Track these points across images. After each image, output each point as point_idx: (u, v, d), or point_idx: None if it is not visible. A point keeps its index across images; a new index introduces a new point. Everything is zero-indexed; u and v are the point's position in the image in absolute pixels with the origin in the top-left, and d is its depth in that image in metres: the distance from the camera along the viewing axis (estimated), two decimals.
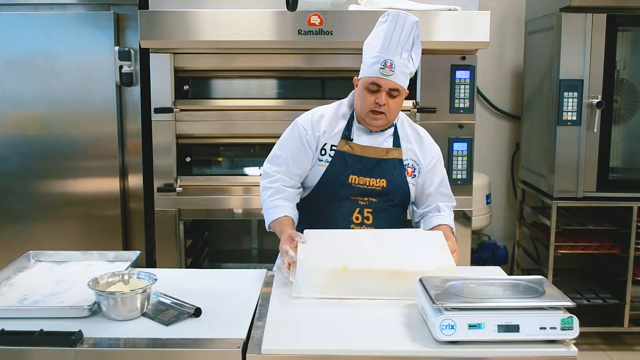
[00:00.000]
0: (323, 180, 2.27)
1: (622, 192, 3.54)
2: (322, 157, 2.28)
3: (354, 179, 2.25)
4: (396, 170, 2.27)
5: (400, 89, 2.19)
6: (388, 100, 2.18)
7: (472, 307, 1.56)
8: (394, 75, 2.15)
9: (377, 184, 2.26)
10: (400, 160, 2.28)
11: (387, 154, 2.27)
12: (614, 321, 3.67)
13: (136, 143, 3.33)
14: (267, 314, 1.76)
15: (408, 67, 2.18)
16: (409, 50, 2.18)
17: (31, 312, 1.77)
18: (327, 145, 2.28)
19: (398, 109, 2.24)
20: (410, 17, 2.19)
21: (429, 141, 2.37)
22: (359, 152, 2.26)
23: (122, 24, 3.25)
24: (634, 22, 3.49)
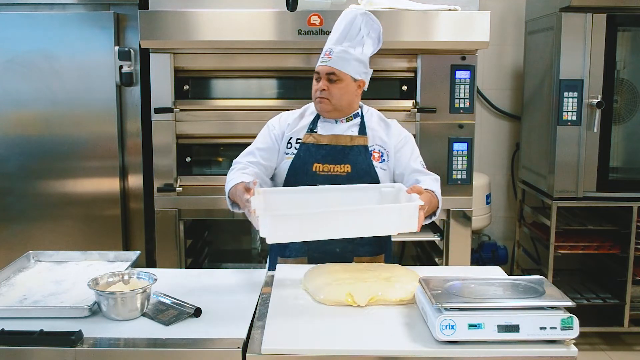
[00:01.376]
0: (289, 172, 2.33)
1: (622, 192, 3.54)
2: (288, 150, 2.36)
3: (318, 167, 2.30)
4: (361, 156, 2.31)
5: (338, 73, 2.27)
6: (328, 86, 2.28)
7: (472, 307, 1.56)
8: (331, 60, 2.27)
9: (341, 169, 2.30)
10: (365, 146, 2.33)
11: (351, 141, 2.32)
12: (614, 321, 3.68)
13: (136, 143, 3.33)
14: (267, 314, 1.76)
15: (350, 53, 2.28)
16: (353, 38, 2.29)
17: (31, 312, 1.77)
18: (293, 139, 2.36)
19: (342, 94, 2.29)
20: (356, 10, 2.32)
21: (397, 127, 2.41)
22: (323, 141, 2.33)
23: (122, 24, 3.25)
24: (634, 22, 3.49)
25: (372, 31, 2.33)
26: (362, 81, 2.34)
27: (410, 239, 3.50)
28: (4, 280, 2.02)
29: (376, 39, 2.35)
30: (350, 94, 2.32)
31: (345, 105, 2.33)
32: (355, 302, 1.81)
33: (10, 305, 1.82)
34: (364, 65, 2.33)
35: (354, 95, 2.33)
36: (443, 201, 3.13)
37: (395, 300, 1.82)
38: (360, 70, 2.32)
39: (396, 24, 3.04)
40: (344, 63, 2.27)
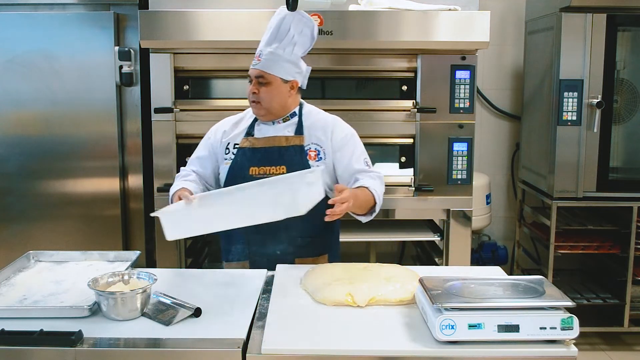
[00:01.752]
0: (228, 176, 2.36)
1: (622, 192, 3.54)
2: (227, 155, 2.39)
3: (254, 170, 2.32)
4: (296, 156, 2.31)
5: (267, 76, 2.27)
6: (259, 89, 2.28)
7: (472, 307, 1.56)
8: (260, 63, 2.28)
9: (276, 171, 2.30)
10: (301, 146, 2.32)
11: (287, 142, 2.33)
12: (614, 321, 3.68)
13: (136, 143, 3.33)
14: (267, 314, 1.76)
15: (279, 54, 2.27)
16: (282, 39, 2.28)
17: (31, 312, 1.77)
18: (231, 144, 2.39)
19: (272, 97, 2.29)
20: (283, 9, 2.30)
21: (338, 126, 2.39)
22: (259, 144, 2.34)
23: (122, 24, 3.25)
24: (634, 22, 3.49)
25: (305, 28, 2.32)
26: (294, 82, 2.33)
27: (410, 239, 3.50)
28: (4, 280, 2.02)
29: (309, 36, 2.33)
30: (282, 96, 2.31)
31: (278, 107, 2.33)
32: (355, 302, 1.81)
33: (10, 305, 1.82)
34: (295, 65, 2.32)
35: (286, 96, 2.33)
36: (443, 201, 3.20)
37: (395, 301, 1.82)
38: (292, 70, 2.31)
39: (396, 24, 3.04)
40: (272, 65, 2.27)
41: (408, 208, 3.23)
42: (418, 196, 3.20)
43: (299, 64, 2.34)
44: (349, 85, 3.34)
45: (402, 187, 3.21)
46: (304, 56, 2.37)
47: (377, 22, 3.04)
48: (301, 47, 2.32)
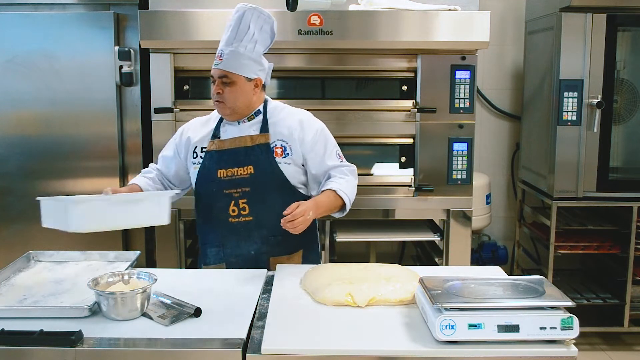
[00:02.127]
0: (197, 180, 2.38)
1: (622, 192, 3.54)
2: (195, 159, 2.39)
3: (222, 172, 2.32)
4: (263, 155, 2.31)
5: (230, 75, 2.25)
6: (223, 89, 2.27)
7: (472, 307, 1.56)
8: (222, 63, 2.26)
9: (244, 172, 2.30)
10: (267, 144, 2.31)
11: (252, 141, 2.32)
12: (614, 321, 3.68)
13: (136, 143, 3.33)
14: (267, 314, 1.76)
15: (241, 53, 2.25)
16: (243, 36, 2.26)
17: (31, 312, 1.77)
18: (198, 147, 2.39)
19: (237, 96, 2.28)
20: (245, 6, 2.29)
21: (307, 123, 2.37)
22: (225, 145, 2.34)
23: (122, 24, 3.25)
24: (634, 22, 3.49)
25: (265, 24, 2.31)
26: (258, 79, 2.32)
27: (410, 239, 3.50)
28: (3, 280, 2.02)
29: (269, 32, 2.33)
30: (247, 95, 2.30)
31: (243, 107, 2.32)
32: (355, 302, 1.81)
33: (10, 305, 1.82)
34: (258, 63, 2.31)
35: (250, 94, 2.32)
36: (443, 201, 3.19)
37: (395, 301, 1.82)
38: (255, 68, 2.30)
39: (396, 24, 3.04)
40: (235, 64, 2.25)
41: (408, 208, 3.23)
42: (418, 196, 3.20)
43: (262, 62, 2.33)
44: (349, 85, 3.34)
45: (402, 187, 3.22)
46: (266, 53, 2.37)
47: (377, 22, 3.04)
48: (262, 44, 2.31)
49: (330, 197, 2.27)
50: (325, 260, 3.26)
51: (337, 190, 2.27)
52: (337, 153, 2.39)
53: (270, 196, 2.29)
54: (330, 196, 2.27)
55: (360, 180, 3.21)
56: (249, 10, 2.28)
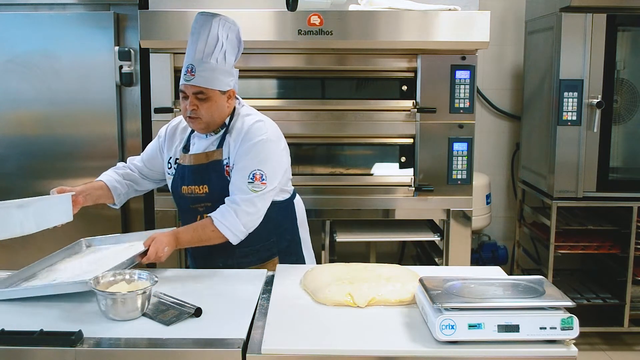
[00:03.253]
0: (171, 191, 2.40)
1: (622, 192, 3.54)
2: (169, 170, 2.39)
3: (184, 189, 2.31)
4: (215, 173, 2.25)
5: (206, 91, 2.17)
6: (198, 104, 2.19)
7: (472, 307, 1.56)
8: (195, 78, 2.17)
9: (200, 190, 2.27)
10: (219, 161, 2.25)
11: (207, 158, 2.27)
12: (614, 321, 3.67)
13: (136, 143, 3.33)
14: (267, 314, 1.76)
15: (214, 67, 2.17)
16: (213, 48, 2.17)
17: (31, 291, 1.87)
18: (172, 159, 2.38)
19: (213, 111, 2.21)
20: (211, 17, 2.20)
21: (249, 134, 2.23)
22: (187, 162, 2.30)
23: (122, 24, 3.25)
24: (634, 22, 3.49)
25: (230, 33, 2.22)
26: (231, 90, 2.25)
27: (410, 239, 3.50)
28: (47, 266, 2.11)
29: (235, 42, 2.24)
30: (222, 108, 2.23)
31: (219, 120, 2.25)
32: (355, 302, 1.81)
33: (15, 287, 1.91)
34: (229, 74, 2.24)
35: (225, 107, 2.25)
36: (443, 201, 3.19)
37: (395, 301, 1.82)
38: (227, 80, 2.22)
39: (396, 24, 3.04)
40: (209, 79, 2.17)
41: (408, 208, 3.23)
42: (418, 196, 3.20)
43: (233, 72, 2.26)
44: (349, 85, 3.34)
45: (402, 187, 3.22)
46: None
47: (377, 22, 3.04)
48: (232, 53, 2.23)
49: (203, 226, 2.17)
50: (325, 260, 3.26)
51: (214, 220, 2.15)
52: (253, 173, 2.19)
53: None
54: (202, 225, 2.17)
55: (360, 180, 3.25)
56: (216, 20, 2.19)
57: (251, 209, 2.17)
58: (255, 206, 2.18)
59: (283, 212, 2.39)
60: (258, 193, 2.18)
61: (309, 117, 3.18)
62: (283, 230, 2.40)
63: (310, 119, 3.18)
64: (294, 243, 2.46)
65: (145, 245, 2.07)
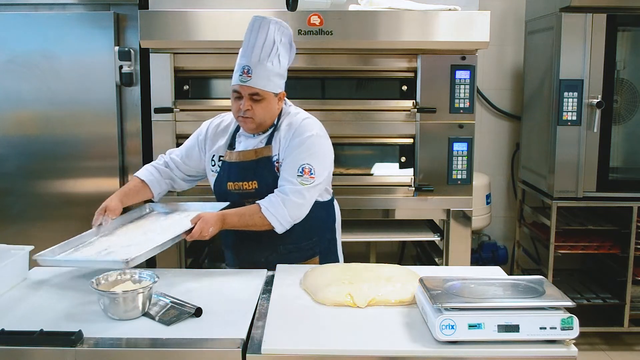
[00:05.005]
0: (214, 189, 2.43)
1: (622, 192, 3.54)
2: (213, 167, 2.42)
3: (230, 185, 2.34)
4: (266, 170, 2.30)
5: (261, 92, 2.23)
6: (252, 105, 2.24)
7: (472, 307, 1.56)
8: (251, 80, 2.22)
9: (249, 186, 2.31)
10: (269, 157, 2.31)
11: (256, 155, 2.32)
12: (614, 321, 3.68)
13: (136, 143, 3.33)
14: (267, 314, 1.76)
15: (269, 69, 2.24)
16: (269, 52, 2.24)
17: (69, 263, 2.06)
18: (216, 156, 2.42)
19: (266, 112, 2.27)
20: (268, 20, 2.26)
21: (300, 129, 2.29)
22: (234, 158, 2.35)
23: (122, 24, 3.25)
24: (634, 22, 3.49)
25: (284, 38, 2.29)
26: (282, 93, 2.33)
27: (410, 239, 3.51)
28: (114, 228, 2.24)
29: (288, 45, 2.31)
30: (274, 109, 2.31)
31: (269, 120, 2.32)
32: (355, 303, 1.81)
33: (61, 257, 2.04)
34: (282, 77, 2.32)
35: (276, 108, 2.32)
36: (443, 201, 3.19)
37: (395, 301, 1.82)
38: (280, 83, 2.30)
39: (396, 24, 3.04)
40: (266, 81, 2.24)
41: (408, 208, 3.23)
42: (418, 196, 3.20)
43: (285, 75, 2.33)
44: (349, 85, 3.34)
45: (402, 187, 3.22)
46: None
47: (377, 22, 3.04)
48: (285, 58, 2.30)
49: (250, 212, 2.21)
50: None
51: (261, 208, 2.20)
52: (302, 167, 2.24)
53: None
54: (249, 211, 2.21)
55: (360, 180, 3.24)
56: (273, 25, 2.25)
57: (299, 199, 2.23)
58: (304, 197, 2.24)
59: (325, 212, 2.44)
60: (306, 186, 2.24)
61: None
62: (324, 230, 2.44)
63: None
64: (333, 244, 2.51)
65: (192, 222, 2.11)
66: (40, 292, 1.96)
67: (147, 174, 2.46)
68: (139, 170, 2.49)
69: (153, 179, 2.46)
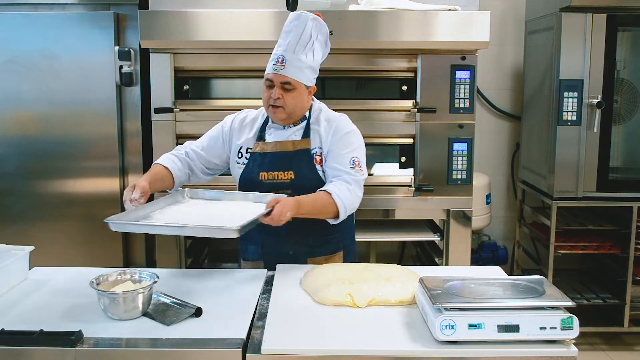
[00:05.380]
0: (241, 181, 2.40)
1: (622, 192, 3.54)
2: (239, 159, 2.40)
3: (263, 175, 2.34)
4: (303, 161, 2.32)
5: (293, 82, 2.27)
6: (283, 94, 2.27)
7: (472, 307, 1.56)
8: (285, 69, 2.26)
9: (285, 177, 2.32)
10: (307, 150, 2.33)
11: (294, 146, 2.34)
12: (614, 321, 3.68)
13: (136, 143, 3.33)
14: (267, 314, 1.76)
15: (303, 61, 2.28)
16: (305, 45, 2.28)
17: (185, 230, 2.07)
18: (243, 148, 2.41)
19: (297, 102, 2.30)
20: (307, 15, 2.31)
21: (340, 123, 2.36)
22: (268, 149, 2.36)
23: (122, 24, 3.25)
24: (634, 22, 3.49)
25: (320, 35, 2.34)
26: (312, 87, 2.36)
27: (410, 239, 3.51)
28: (158, 209, 2.18)
29: (324, 42, 2.36)
30: (304, 101, 2.33)
31: (300, 112, 2.35)
32: (355, 303, 1.81)
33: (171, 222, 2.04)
34: (315, 72, 2.36)
35: (306, 101, 2.35)
36: (443, 201, 3.19)
37: (395, 301, 1.82)
38: (312, 77, 2.34)
39: (396, 24, 3.04)
40: (298, 72, 2.28)
41: (408, 208, 3.23)
42: (418, 196, 3.20)
43: (317, 70, 2.37)
44: (349, 85, 3.34)
45: (402, 187, 3.22)
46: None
47: (377, 22, 3.04)
48: (319, 53, 2.34)
49: (322, 199, 2.20)
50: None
51: (332, 194, 2.21)
52: (353, 159, 2.31)
53: None
54: (321, 198, 2.20)
55: None
56: (312, 20, 2.30)
57: (359, 191, 2.29)
58: (361, 189, 2.31)
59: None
60: (360, 178, 2.30)
61: None
62: (346, 227, 2.45)
63: None
64: (353, 241, 2.52)
65: (269, 205, 2.07)
66: (40, 292, 1.96)
67: (170, 162, 2.39)
68: (160, 158, 2.43)
69: (175, 167, 2.40)
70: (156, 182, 2.28)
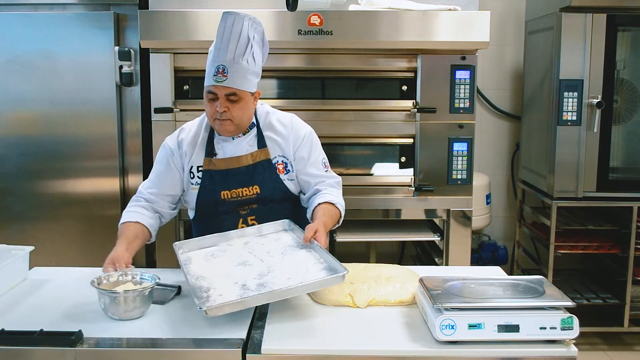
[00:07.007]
0: (198, 202, 2.27)
1: (622, 192, 3.54)
2: (192, 180, 2.27)
3: (225, 194, 2.23)
4: (266, 173, 2.24)
5: (239, 92, 2.13)
6: (229, 107, 2.14)
7: (472, 307, 1.57)
8: (227, 79, 2.10)
9: (250, 192, 2.24)
10: (268, 160, 2.25)
11: (253, 159, 2.24)
12: (614, 321, 3.67)
13: (136, 143, 3.33)
14: (267, 314, 1.76)
15: (245, 68, 2.13)
16: (244, 50, 2.12)
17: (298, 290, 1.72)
18: (194, 167, 2.26)
19: (244, 113, 2.18)
20: (242, 17, 2.14)
21: (295, 127, 2.29)
22: (224, 166, 2.23)
23: (122, 24, 3.25)
24: (634, 22, 3.49)
25: (257, 35, 2.18)
26: (258, 92, 2.24)
27: (410, 239, 3.51)
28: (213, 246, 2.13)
29: (261, 43, 2.20)
30: (251, 110, 2.22)
31: (247, 121, 2.23)
32: (355, 303, 1.81)
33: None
34: (257, 76, 2.22)
35: (252, 108, 2.24)
36: (443, 201, 3.20)
37: (395, 301, 1.82)
38: (256, 82, 2.21)
39: (396, 24, 3.04)
40: (243, 80, 2.13)
41: (408, 208, 3.23)
42: (418, 196, 3.20)
43: (260, 73, 2.23)
44: (349, 85, 3.34)
45: (402, 187, 3.22)
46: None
47: (377, 22, 3.04)
48: (258, 55, 2.19)
49: (332, 211, 2.19)
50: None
51: (336, 204, 2.20)
52: (323, 162, 2.31)
53: (278, 208, 2.27)
54: (331, 211, 2.18)
55: (360, 180, 3.24)
56: (246, 20, 2.14)
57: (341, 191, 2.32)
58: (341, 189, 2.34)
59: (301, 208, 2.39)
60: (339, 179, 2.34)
61: (308, 117, 3.14)
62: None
63: (310, 119, 3.14)
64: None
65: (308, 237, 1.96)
66: (40, 292, 1.97)
67: (139, 216, 2.20)
68: (124, 216, 2.22)
69: (146, 218, 2.22)
70: (134, 243, 2.11)
